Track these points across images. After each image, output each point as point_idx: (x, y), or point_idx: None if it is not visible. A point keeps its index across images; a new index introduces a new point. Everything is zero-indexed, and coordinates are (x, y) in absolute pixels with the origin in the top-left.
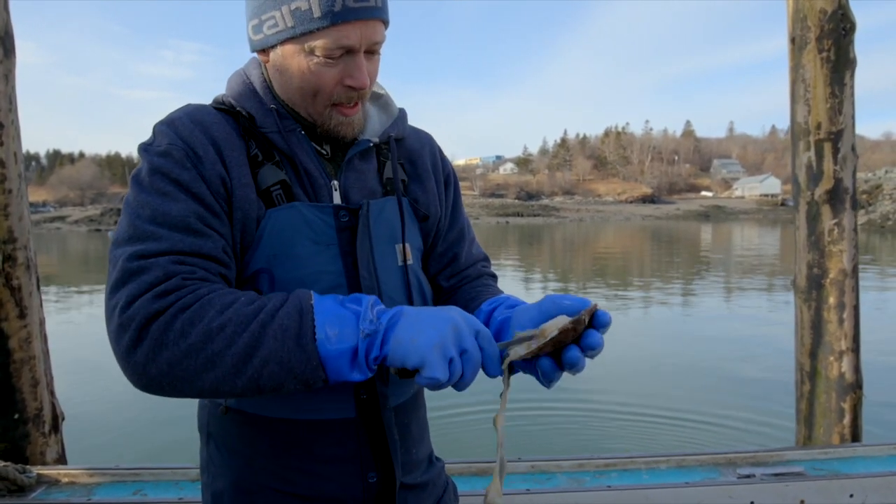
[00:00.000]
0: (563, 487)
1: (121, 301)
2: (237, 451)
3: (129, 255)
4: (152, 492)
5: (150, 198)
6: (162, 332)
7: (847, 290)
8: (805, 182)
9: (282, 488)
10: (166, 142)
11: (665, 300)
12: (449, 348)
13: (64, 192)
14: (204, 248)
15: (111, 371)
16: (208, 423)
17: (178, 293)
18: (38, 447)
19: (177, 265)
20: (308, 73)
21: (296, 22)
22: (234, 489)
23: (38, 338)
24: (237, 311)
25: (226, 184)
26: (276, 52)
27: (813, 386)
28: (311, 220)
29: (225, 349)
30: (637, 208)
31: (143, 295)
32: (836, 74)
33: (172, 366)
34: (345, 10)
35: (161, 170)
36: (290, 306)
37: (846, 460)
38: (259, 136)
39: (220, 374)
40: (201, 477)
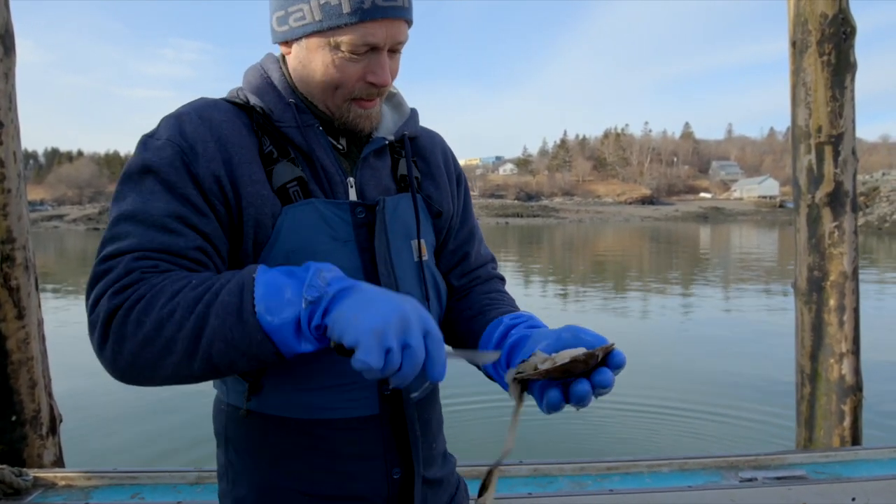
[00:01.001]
0: (566, 491)
1: (89, 302)
2: (260, 454)
3: (100, 258)
4: (150, 495)
5: (134, 196)
6: (120, 326)
7: (847, 292)
8: (806, 185)
9: (307, 490)
10: (165, 136)
11: (664, 302)
12: (389, 337)
13: (62, 191)
14: (173, 245)
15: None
16: (226, 428)
17: (136, 286)
18: (36, 449)
19: (139, 261)
20: (331, 68)
21: (324, 16)
22: (257, 493)
23: (36, 339)
24: (185, 296)
25: (221, 182)
26: (301, 45)
27: (813, 388)
28: (328, 216)
29: (175, 333)
30: (636, 209)
31: (105, 293)
32: (836, 78)
33: (135, 356)
34: (373, 9)
35: (151, 168)
36: (233, 283)
37: (848, 464)
38: (275, 132)
39: (175, 359)
40: (219, 483)
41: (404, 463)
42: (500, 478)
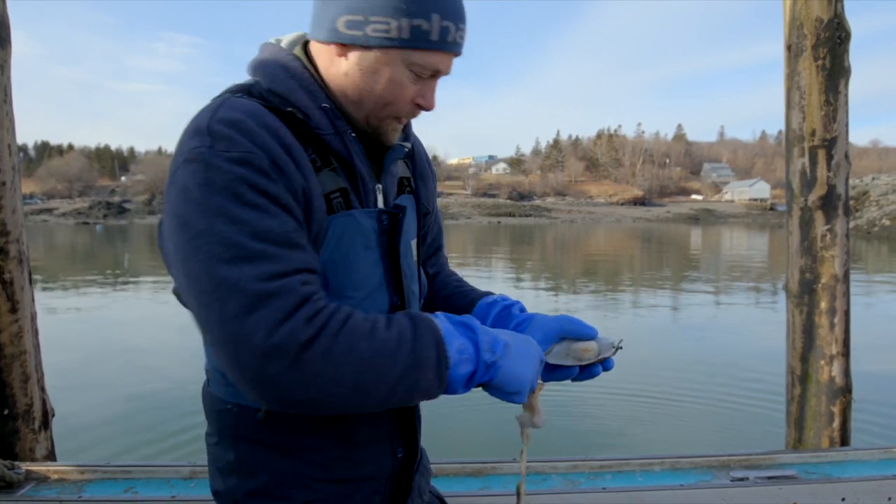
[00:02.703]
0: (558, 489)
1: (260, 329)
2: (279, 450)
3: (252, 277)
4: (143, 489)
5: (241, 211)
6: (317, 362)
7: (838, 295)
8: (798, 188)
9: (322, 476)
10: (241, 148)
11: (654, 303)
12: (534, 381)
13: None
14: (309, 262)
15: (101, 368)
16: (235, 427)
17: (322, 318)
18: (28, 443)
19: (304, 286)
20: (395, 83)
21: (412, 36)
22: (272, 485)
23: (29, 332)
24: (382, 341)
25: (306, 194)
26: (367, 54)
27: (803, 389)
28: (363, 226)
29: (377, 378)
30: (628, 210)
31: (286, 321)
32: (830, 82)
33: (324, 391)
34: (451, 43)
35: (246, 180)
36: (428, 338)
37: (838, 464)
38: (315, 139)
39: (367, 400)
40: (223, 478)
41: (407, 443)
42: (493, 475)
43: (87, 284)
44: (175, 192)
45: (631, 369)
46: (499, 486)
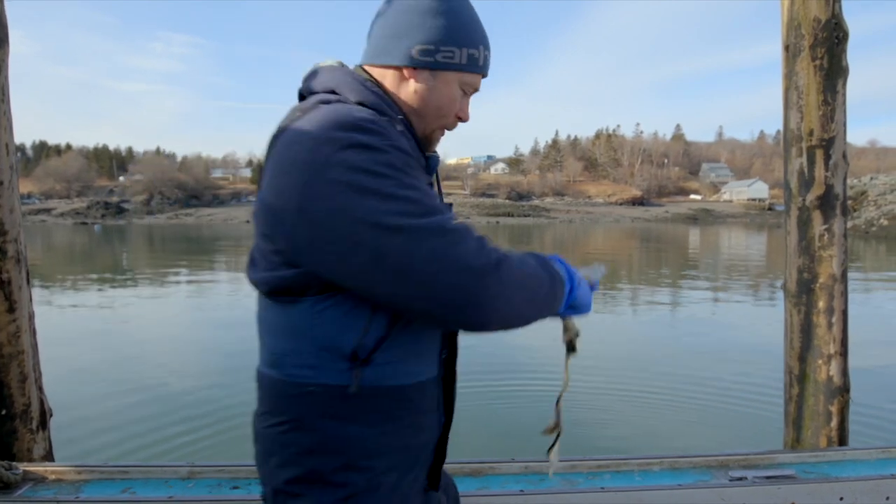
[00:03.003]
0: (557, 489)
1: (469, 254)
2: (360, 422)
3: (447, 220)
4: (141, 490)
5: (412, 180)
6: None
7: (836, 294)
8: (796, 188)
9: (396, 445)
10: (390, 136)
11: (652, 302)
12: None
13: (50, 185)
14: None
15: (99, 368)
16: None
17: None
18: (26, 443)
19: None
20: (450, 98)
21: (468, 62)
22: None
23: (27, 332)
24: (538, 276)
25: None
26: (433, 75)
27: (801, 389)
28: None
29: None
30: (626, 210)
31: (483, 248)
32: (828, 82)
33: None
34: (486, 66)
35: (405, 161)
36: (559, 279)
37: (836, 463)
38: None
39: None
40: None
41: (447, 412)
42: (491, 475)
43: (86, 284)
44: (341, 174)
45: (629, 369)
46: (497, 486)
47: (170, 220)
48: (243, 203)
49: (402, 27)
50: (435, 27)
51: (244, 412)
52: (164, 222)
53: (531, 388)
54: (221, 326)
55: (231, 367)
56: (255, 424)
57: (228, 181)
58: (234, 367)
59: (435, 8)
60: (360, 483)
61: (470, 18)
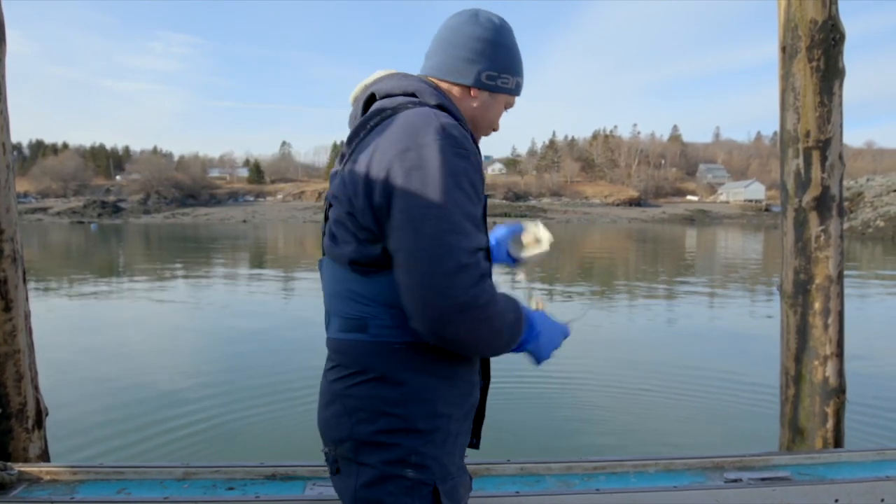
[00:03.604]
0: (552, 490)
1: (459, 287)
2: (439, 375)
3: (461, 249)
4: (136, 490)
5: (460, 196)
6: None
7: (832, 296)
8: (793, 189)
9: (462, 399)
10: (465, 147)
11: (648, 303)
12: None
13: (46, 184)
14: (485, 243)
15: (95, 367)
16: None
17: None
18: (21, 443)
19: (485, 262)
20: (497, 114)
21: (515, 88)
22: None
23: (23, 331)
24: (508, 321)
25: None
26: (492, 96)
27: (797, 390)
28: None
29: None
30: (624, 211)
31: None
32: (825, 83)
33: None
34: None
35: (467, 173)
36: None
37: (831, 465)
38: None
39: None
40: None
41: (484, 374)
42: (487, 476)
43: (82, 283)
44: (420, 168)
45: (625, 368)
46: (493, 488)
47: (166, 220)
48: (240, 203)
49: (474, 54)
50: (500, 58)
51: (240, 411)
52: (161, 222)
53: (527, 389)
54: (217, 326)
55: (227, 365)
56: (334, 387)
57: (225, 181)
58: (229, 365)
59: (500, 41)
60: (442, 427)
61: (518, 52)
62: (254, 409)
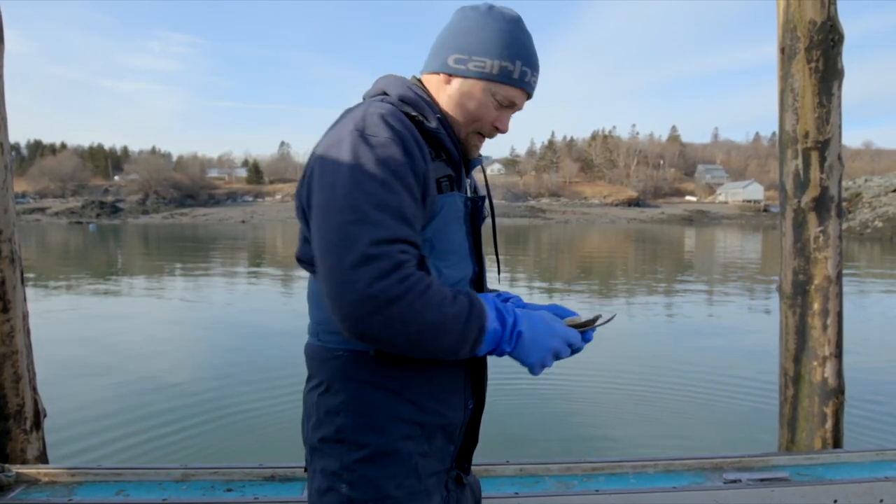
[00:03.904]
0: (552, 491)
1: (362, 280)
2: (382, 387)
3: (366, 240)
4: (135, 492)
5: (373, 186)
6: (394, 317)
7: (831, 296)
8: (792, 189)
9: (413, 416)
10: (385, 135)
11: (647, 303)
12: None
13: (44, 184)
14: (412, 236)
15: (93, 368)
16: (345, 370)
17: (409, 283)
18: (19, 444)
19: (401, 254)
20: (482, 106)
21: (499, 73)
22: (377, 419)
23: (21, 332)
24: (442, 315)
25: (426, 177)
26: (466, 82)
27: (796, 390)
28: (459, 206)
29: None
30: (622, 211)
31: (382, 279)
32: (824, 84)
33: (393, 340)
34: (526, 83)
35: (383, 161)
36: (474, 322)
37: (830, 466)
38: (431, 138)
39: (419, 351)
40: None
41: (476, 396)
42: (486, 477)
43: (80, 284)
44: (328, 161)
45: (623, 369)
46: (492, 489)
47: (165, 220)
48: (239, 203)
49: (446, 39)
50: (472, 40)
51: (238, 412)
52: (160, 222)
53: (527, 390)
54: (215, 326)
55: (225, 366)
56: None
57: (224, 181)
58: (228, 366)
59: (477, 24)
60: (379, 445)
61: (512, 36)
62: (252, 410)
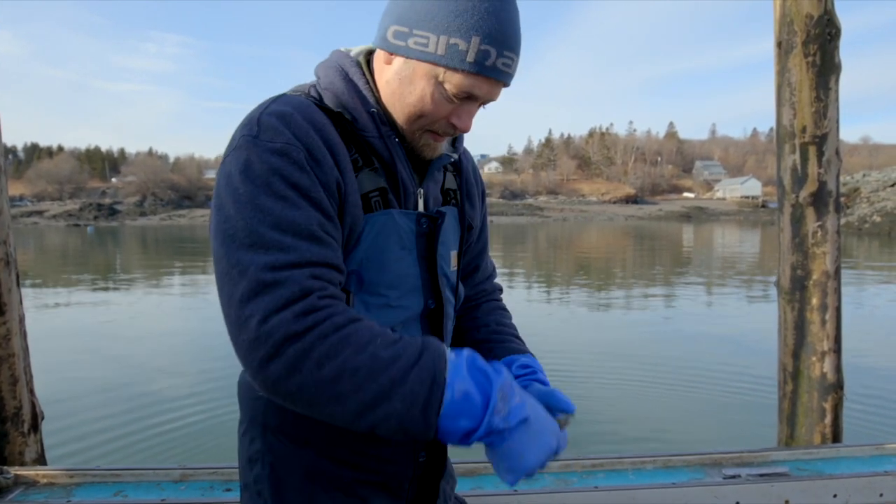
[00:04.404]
0: (551, 488)
1: (256, 315)
2: (306, 440)
3: (261, 265)
4: (133, 493)
5: (269, 201)
6: (299, 358)
7: (830, 291)
8: (790, 184)
9: (347, 476)
10: (282, 140)
11: (646, 300)
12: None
13: (42, 187)
14: (328, 257)
15: (91, 370)
16: (265, 415)
17: (316, 316)
18: (17, 447)
19: (311, 280)
20: (428, 98)
21: (447, 54)
22: (301, 477)
23: (17, 335)
24: (372, 357)
25: (340, 189)
26: (408, 64)
27: (795, 386)
28: (400, 226)
29: (353, 393)
30: (620, 208)
31: (280, 312)
32: (821, 79)
33: (301, 390)
34: (492, 69)
35: (280, 171)
36: (425, 371)
37: (830, 461)
38: (359, 140)
39: (342, 411)
40: (250, 470)
41: (430, 447)
42: (485, 475)
43: (78, 286)
44: (221, 177)
45: (623, 364)
46: (491, 486)
47: (163, 222)
48: None
49: (389, 4)
50: (416, 8)
51: (237, 413)
52: (157, 223)
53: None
54: (214, 328)
55: (223, 366)
56: None
57: None
58: (226, 367)
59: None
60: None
61: (470, 3)
62: None
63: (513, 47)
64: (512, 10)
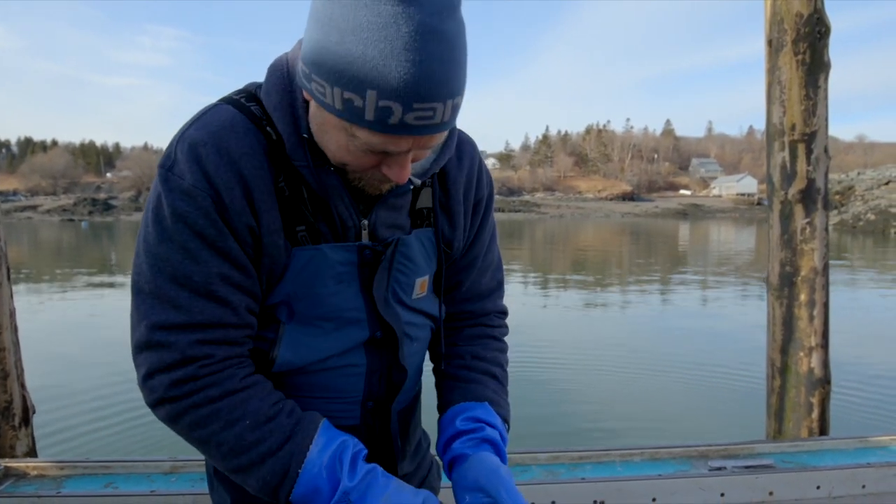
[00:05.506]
0: (539, 479)
1: (143, 367)
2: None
3: (151, 323)
4: (123, 485)
5: (171, 251)
6: (175, 417)
7: (818, 287)
8: (779, 181)
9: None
10: (191, 179)
11: (638, 295)
12: None
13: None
14: (225, 318)
15: (82, 364)
16: None
17: (192, 385)
18: (8, 440)
19: (195, 346)
20: (343, 150)
21: (344, 109)
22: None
23: (8, 329)
24: (237, 437)
25: (253, 232)
26: (320, 109)
27: (783, 381)
28: (334, 261)
29: (219, 459)
30: (617, 205)
31: (161, 374)
32: (810, 77)
33: (187, 436)
34: (400, 126)
35: (185, 218)
36: (279, 464)
37: (815, 453)
38: (289, 167)
39: (217, 465)
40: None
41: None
42: None
43: (71, 281)
44: (147, 202)
45: (612, 360)
46: None
47: None
48: None
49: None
50: (311, 44)
51: None
52: None
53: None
54: None
55: None
56: None
57: None
58: None
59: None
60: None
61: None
62: None
63: (429, 96)
64: (425, 49)
